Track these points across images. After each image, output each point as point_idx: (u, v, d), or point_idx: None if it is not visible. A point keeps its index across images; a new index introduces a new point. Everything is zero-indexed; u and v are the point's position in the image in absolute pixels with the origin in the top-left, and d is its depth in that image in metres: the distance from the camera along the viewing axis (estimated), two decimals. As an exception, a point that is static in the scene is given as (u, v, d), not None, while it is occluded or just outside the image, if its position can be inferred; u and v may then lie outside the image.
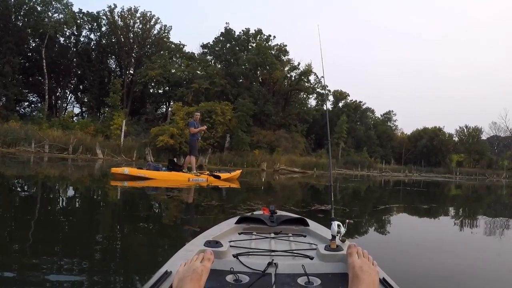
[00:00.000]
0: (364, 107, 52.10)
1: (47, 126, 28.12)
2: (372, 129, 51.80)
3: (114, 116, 31.47)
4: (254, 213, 2.15)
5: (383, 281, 1.19)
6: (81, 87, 42.47)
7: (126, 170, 9.66)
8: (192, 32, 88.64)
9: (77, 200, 6.21)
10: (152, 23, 41.48)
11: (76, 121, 36.09)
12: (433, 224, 6.18)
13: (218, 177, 11.13)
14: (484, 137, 57.32)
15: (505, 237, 5.00)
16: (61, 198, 6.10)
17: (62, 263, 2.47)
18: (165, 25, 42.53)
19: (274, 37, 40.98)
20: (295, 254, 1.46)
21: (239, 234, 1.81)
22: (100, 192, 7.50)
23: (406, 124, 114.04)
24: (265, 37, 41.05)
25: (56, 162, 16.30)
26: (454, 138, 56.04)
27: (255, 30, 41.04)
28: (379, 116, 56.00)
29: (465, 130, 55.21)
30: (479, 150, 53.11)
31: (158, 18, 41.67)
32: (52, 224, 3.79)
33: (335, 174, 27.67)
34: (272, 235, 1.77)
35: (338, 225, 1.48)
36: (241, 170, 14.66)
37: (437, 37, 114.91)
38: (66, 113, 39.03)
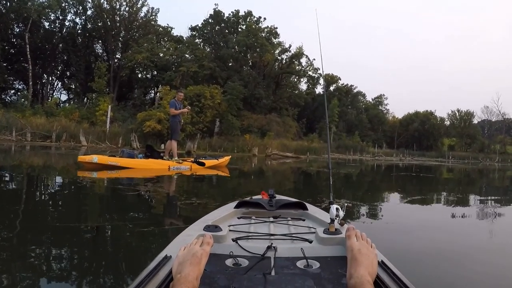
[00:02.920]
0: (355, 91, 51.86)
1: (30, 113, 27.20)
2: (363, 113, 51.60)
3: (99, 102, 30.56)
4: (253, 197, 2.18)
5: (381, 264, 1.18)
6: (68, 73, 41.28)
7: (95, 158, 8.52)
8: (180, 14, 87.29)
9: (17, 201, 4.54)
10: (139, 5, 40.24)
11: (61, 107, 35.03)
12: (431, 209, 5.94)
13: (202, 164, 10.40)
14: (475, 121, 57.41)
15: (498, 220, 4.98)
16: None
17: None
18: (153, 8, 41.40)
19: (265, 19, 40.09)
20: (294, 238, 1.47)
21: (238, 218, 1.83)
22: (54, 188, 5.91)
23: (398, 108, 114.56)
24: (255, 19, 40.09)
25: (36, 151, 15.57)
26: (445, 122, 56.07)
27: (245, 12, 40.06)
28: (371, 100, 55.97)
29: (457, 114, 55.20)
30: (470, 134, 53.13)
31: (145, 1, 40.42)
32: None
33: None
34: (271, 219, 1.79)
35: (337, 209, 1.48)
36: (230, 156, 13.90)
37: (433, 25, 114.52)
38: (51, 99, 37.93)
